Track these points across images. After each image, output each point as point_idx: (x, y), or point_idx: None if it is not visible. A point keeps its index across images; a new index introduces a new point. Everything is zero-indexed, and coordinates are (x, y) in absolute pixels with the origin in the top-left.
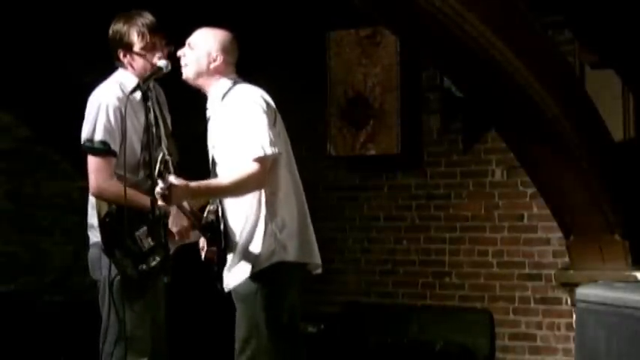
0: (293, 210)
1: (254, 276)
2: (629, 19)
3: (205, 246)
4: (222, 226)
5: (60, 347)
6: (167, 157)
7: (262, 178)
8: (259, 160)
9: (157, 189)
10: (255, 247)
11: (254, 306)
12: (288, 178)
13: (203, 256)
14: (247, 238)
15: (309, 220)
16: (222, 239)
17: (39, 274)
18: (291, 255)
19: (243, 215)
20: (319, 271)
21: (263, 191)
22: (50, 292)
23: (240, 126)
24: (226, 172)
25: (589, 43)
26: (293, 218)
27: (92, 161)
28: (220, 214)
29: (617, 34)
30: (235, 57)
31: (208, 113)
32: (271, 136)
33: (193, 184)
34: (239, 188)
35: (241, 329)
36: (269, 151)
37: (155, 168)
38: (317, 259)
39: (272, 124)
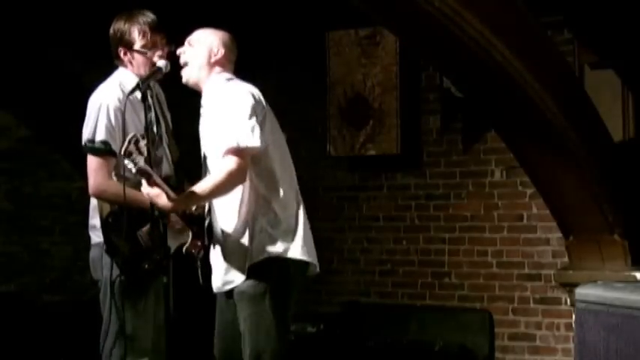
0: (290, 207)
1: (257, 274)
2: (628, 19)
3: (189, 239)
4: (207, 222)
5: (60, 347)
6: (138, 138)
7: (242, 171)
8: (235, 152)
9: (143, 190)
10: (246, 242)
11: (263, 308)
12: (282, 174)
13: (184, 249)
14: (238, 234)
15: (306, 218)
16: (205, 234)
17: (39, 274)
18: (290, 252)
19: (232, 210)
20: (317, 271)
21: (254, 187)
22: (50, 292)
23: (222, 118)
24: (209, 174)
25: (589, 43)
26: (290, 215)
27: (92, 161)
28: (207, 209)
29: (617, 34)
30: (235, 55)
31: (202, 111)
32: (250, 129)
33: (182, 195)
34: (222, 188)
35: (254, 336)
36: (244, 143)
37: (122, 147)
38: (315, 259)
39: (257, 119)
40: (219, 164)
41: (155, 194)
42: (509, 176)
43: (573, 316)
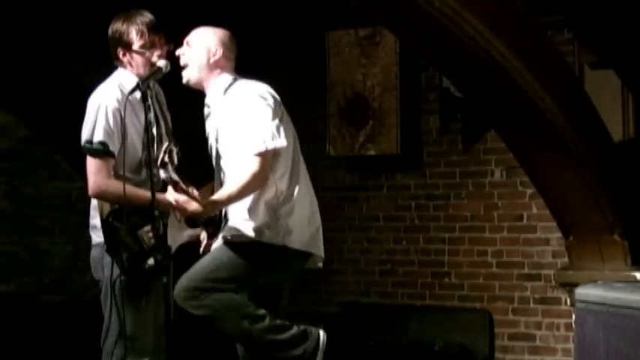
0: (302, 200)
1: (248, 244)
2: (628, 19)
3: (205, 239)
4: (223, 224)
5: (60, 347)
6: (172, 147)
7: (265, 173)
8: (260, 155)
9: (170, 197)
10: (257, 230)
11: (232, 266)
12: (295, 169)
13: (202, 250)
14: (251, 226)
15: (317, 211)
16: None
17: (39, 274)
18: (294, 242)
19: (248, 206)
20: (321, 265)
21: (272, 181)
22: (50, 292)
23: (244, 119)
24: (231, 175)
25: (588, 43)
26: (302, 207)
27: (91, 162)
28: (224, 212)
29: (617, 34)
30: (235, 53)
31: (207, 110)
32: (273, 129)
33: (213, 199)
34: (248, 189)
35: (222, 270)
36: (270, 145)
37: (159, 158)
38: (320, 250)
39: (277, 117)
40: (245, 164)
41: (184, 201)
42: (509, 176)
43: (573, 316)
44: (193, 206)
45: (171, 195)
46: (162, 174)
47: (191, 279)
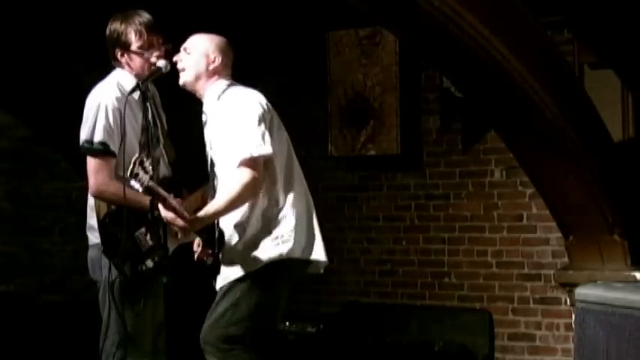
0: (297, 208)
1: (255, 273)
2: (628, 19)
3: (200, 247)
4: (217, 232)
5: (60, 347)
6: (143, 158)
7: (257, 180)
8: (249, 162)
9: (165, 215)
10: (255, 246)
11: (244, 297)
12: (289, 176)
13: (196, 257)
14: (247, 238)
15: (314, 217)
16: (216, 243)
17: (39, 274)
18: (295, 252)
19: (241, 216)
20: (321, 270)
21: (261, 192)
22: (50, 292)
23: (232, 127)
24: (221, 184)
25: (588, 43)
26: (297, 216)
27: (91, 162)
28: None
29: (617, 34)
30: (232, 59)
31: (204, 117)
32: (259, 137)
33: (199, 215)
34: (239, 200)
35: (222, 317)
36: (257, 152)
37: (129, 169)
38: (323, 256)
39: (265, 125)
40: (233, 175)
41: (171, 218)
42: (509, 176)
43: (573, 316)
44: (179, 223)
45: (161, 212)
46: (134, 185)
47: (214, 327)
